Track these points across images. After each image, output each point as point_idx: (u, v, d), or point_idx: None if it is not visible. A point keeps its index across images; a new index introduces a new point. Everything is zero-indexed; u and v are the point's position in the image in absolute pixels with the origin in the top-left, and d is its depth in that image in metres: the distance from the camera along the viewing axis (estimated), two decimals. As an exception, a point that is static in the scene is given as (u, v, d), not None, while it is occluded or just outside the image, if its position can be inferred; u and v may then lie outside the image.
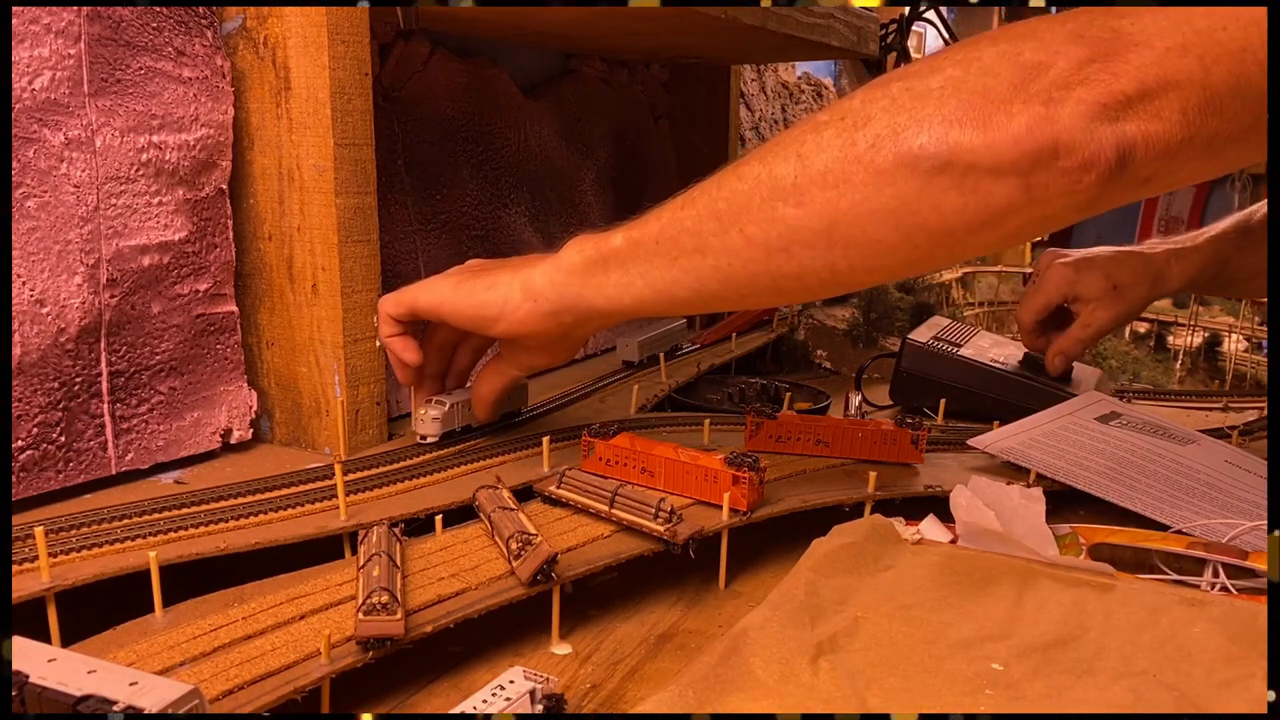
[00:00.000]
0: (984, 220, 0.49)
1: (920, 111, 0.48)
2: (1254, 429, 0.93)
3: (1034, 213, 0.49)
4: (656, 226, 0.58)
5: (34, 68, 0.56)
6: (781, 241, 0.53)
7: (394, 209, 0.86)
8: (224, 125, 0.68)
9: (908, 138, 0.48)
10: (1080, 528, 0.64)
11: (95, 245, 0.61)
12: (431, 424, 0.72)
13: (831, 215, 0.51)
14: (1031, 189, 0.47)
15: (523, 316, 0.63)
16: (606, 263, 0.60)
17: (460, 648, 0.52)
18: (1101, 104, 0.45)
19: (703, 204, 0.56)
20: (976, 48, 0.49)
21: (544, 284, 0.62)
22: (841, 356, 1.32)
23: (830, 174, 0.50)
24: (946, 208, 0.49)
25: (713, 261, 0.56)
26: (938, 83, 0.49)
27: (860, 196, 0.50)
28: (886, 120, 0.49)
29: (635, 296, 0.59)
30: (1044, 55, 0.47)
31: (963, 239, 0.50)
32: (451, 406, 0.72)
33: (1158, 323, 2.13)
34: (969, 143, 0.47)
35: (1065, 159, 0.46)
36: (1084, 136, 0.46)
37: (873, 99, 0.51)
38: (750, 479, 0.61)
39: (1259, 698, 0.42)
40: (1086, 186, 0.47)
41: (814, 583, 0.51)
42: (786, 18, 0.98)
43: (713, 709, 0.41)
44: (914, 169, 0.48)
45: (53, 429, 0.59)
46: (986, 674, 0.45)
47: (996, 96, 0.47)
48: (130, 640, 0.46)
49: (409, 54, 0.87)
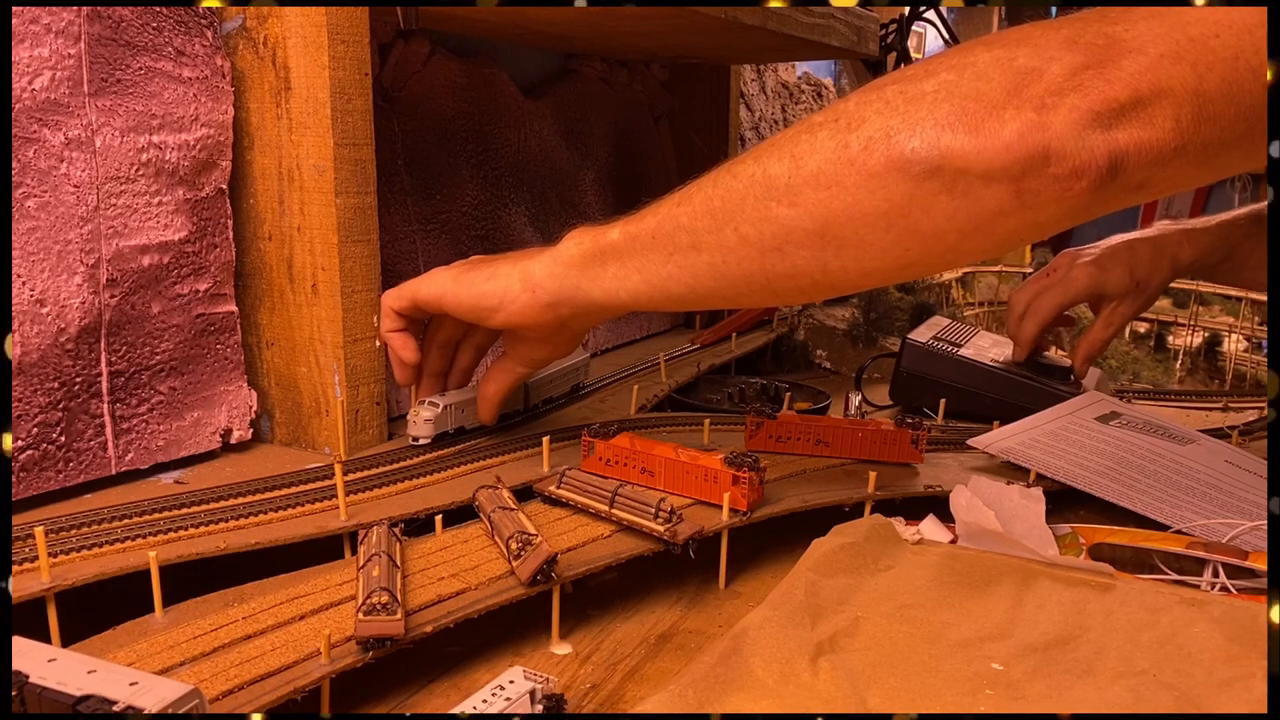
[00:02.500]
0: (975, 225, 0.49)
1: (913, 115, 0.48)
2: (1254, 429, 0.93)
3: (1025, 218, 0.49)
4: (653, 222, 0.58)
5: (34, 68, 0.56)
6: (775, 241, 0.53)
7: (394, 209, 0.86)
8: (224, 125, 0.68)
9: (900, 141, 0.48)
10: (1080, 528, 0.64)
11: (95, 245, 0.61)
12: (424, 426, 0.71)
13: (824, 216, 0.51)
14: (1022, 195, 0.48)
15: (521, 307, 0.64)
16: (604, 256, 0.61)
17: (460, 648, 0.52)
18: (1094, 111, 0.46)
19: (698, 201, 0.56)
20: (972, 52, 0.50)
21: (543, 275, 0.63)
22: (841, 356, 1.32)
23: (823, 175, 0.51)
24: (937, 211, 0.49)
25: (708, 259, 0.56)
26: (931, 86, 0.49)
27: (852, 198, 0.50)
28: (880, 123, 0.49)
29: (631, 291, 0.60)
30: (1038, 61, 0.47)
31: (954, 243, 0.51)
32: (445, 408, 0.72)
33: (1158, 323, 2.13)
34: (960, 147, 0.47)
35: (1056, 166, 0.46)
36: (1075, 144, 0.46)
37: (867, 101, 0.51)
38: (750, 479, 0.61)
39: (1259, 698, 0.42)
40: (1078, 193, 0.47)
41: (814, 583, 0.51)
42: (787, 18, 0.98)
43: (713, 709, 0.41)
44: (905, 172, 0.49)
45: (53, 429, 0.59)
46: (986, 674, 0.45)
47: (989, 101, 0.47)
48: (130, 640, 0.46)
49: (409, 54, 0.87)
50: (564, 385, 0.89)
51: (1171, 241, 0.95)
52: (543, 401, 0.85)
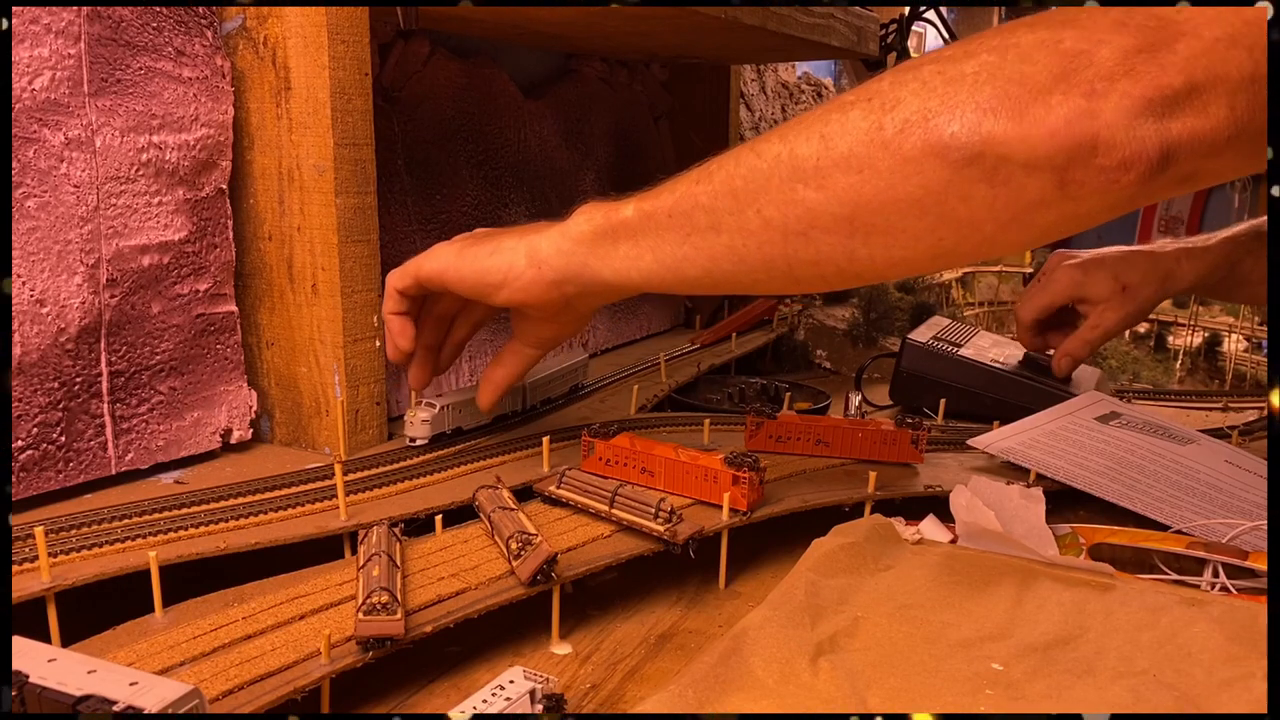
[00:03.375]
0: (1013, 215, 0.47)
1: (953, 97, 0.46)
2: (1254, 429, 0.93)
3: (1066, 210, 0.46)
4: (670, 200, 0.56)
5: (34, 68, 0.56)
6: (800, 225, 0.51)
7: (394, 209, 0.86)
8: (224, 125, 0.68)
9: (939, 124, 0.46)
10: (1080, 528, 0.64)
11: (95, 245, 0.61)
12: (421, 426, 0.71)
13: (854, 201, 0.49)
14: (1066, 185, 0.45)
15: (525, 284, 0.61)
16: (615, 234, 0.58)
17: (460, 648, 0.52)
18: (1147, 99, 0.43)
19: (719, 180, 0.54)
20: (1014, 33, 0.47)
21: (550, 251, 0.60)
22: (841, 356, 1.32)
23: (855, 158, 0.48)
24: (975, 200, 0.47)
25: (726, 241, 0.53)
26: (972, 68, 0.46)
27: (885, 183, 0.48)
28: (917, 104, 0.47)
29: (643, 271, 0.57)
30: (1086, 44, 0.44)
31: (990, 234, 0.48)
32: (442, 409, 0.72)
33: (1158, 323, 2.13)
34: (1003, 133, 0.45)
35: (1104, 156, 0.44)
36: (1126, 134, 0.43)
37: (902, 81, 0.48)
38: (750, 479, 0.61)
39: (1259, 698, 0.42)
40: (1124, 185, 0.44)
41: (814, 583, 0.51)
42: (787, 18, 0.98)
43: (713, 709, 0.41)
44: (943, 158, 0.46)
45: (53, 429, 0.59)
46: (986, 674, 0.45)
47: (1035, 86, 0.44)
48: (130, 640, 0.46)
49: (409, 54, 0.87)
50: (563, 386, 0.88)
51: (1169, 256, 0.95)
52: (541, 402, 0.84)
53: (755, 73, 1.63)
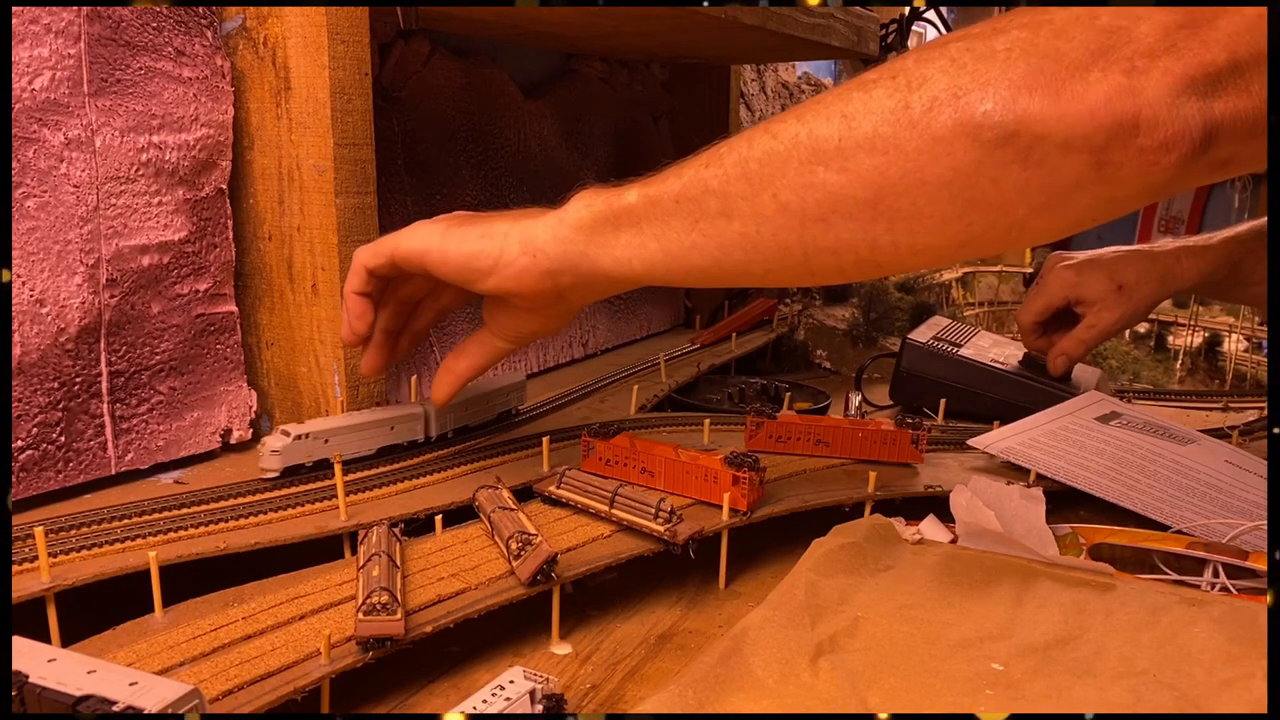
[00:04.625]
0: (1046, 199, 0.45)
1: (985, 74, 0.43)
2: (1254, 429, 0.93)
3: (1101, 193, 0.44)
4: (678, 184, 0.52)
5: (34, 68, 0.56)
6: (819, 210, 0.48)
7: (394, 209, 0.86)
8: (224, 125, 0.68)
9: (970, 102, 0.43)
10: (1080, 528, 0.64)
11: (95, 245, 0.61)
12: (271, 458, 0.62)
13: (878, 184, 0.46)
14: (1103, 167, 0.43)
15: (517, 272, 0.57)
16: (618, 220, 0.54)
17: (460, 648, 0.52)
18: (1190, 76, 0.41)
19: (731, 163, 0.50)
20: (1045, 10, 0.44)
21: (547, 238, 0.56)
22: (841, 356, 1.32)
23: (879, 138, 0.45)
24: (1007, 182, 0.44)
25: (739, 227, 0.50)
26: (1004, 44, 0.44)
27: (912, 165, 0.45)
28: (946, 81, 0.44)
29: (646, 261, 0.54)
30: (1124, 19, 0.42)
31: (1021, 218, 0.46)
32: (297, 439, 0.62)
33: (1158, 323, 2.13)
34: (1039, 111, 0.42)
35: (1145, 136, 0.41)
36: (1169, 113, 0.41)
37: (929, 59, 0.45)
38: (750, 479, 0.61)
39: (1259, 698, 0.42)
40: (1163, 168, 0.42)
41: (814, 583, 0.51)
42: (787, 18, 0.98)
43: (713, 709, 0.41)
44: (975, 138, 0.43)
45: (53, 429, 0.59)
46: (986, 674, 0.45)
47: (1071, 62, 0.42)
48: (130, 640, 0.46)
49: (409, 54, 0.87)
50: (488, 412, 0.77)
51: (1168, 255, 0.94)
52: (456, 430, 0.73)
53: (755, 73, 1.63)
